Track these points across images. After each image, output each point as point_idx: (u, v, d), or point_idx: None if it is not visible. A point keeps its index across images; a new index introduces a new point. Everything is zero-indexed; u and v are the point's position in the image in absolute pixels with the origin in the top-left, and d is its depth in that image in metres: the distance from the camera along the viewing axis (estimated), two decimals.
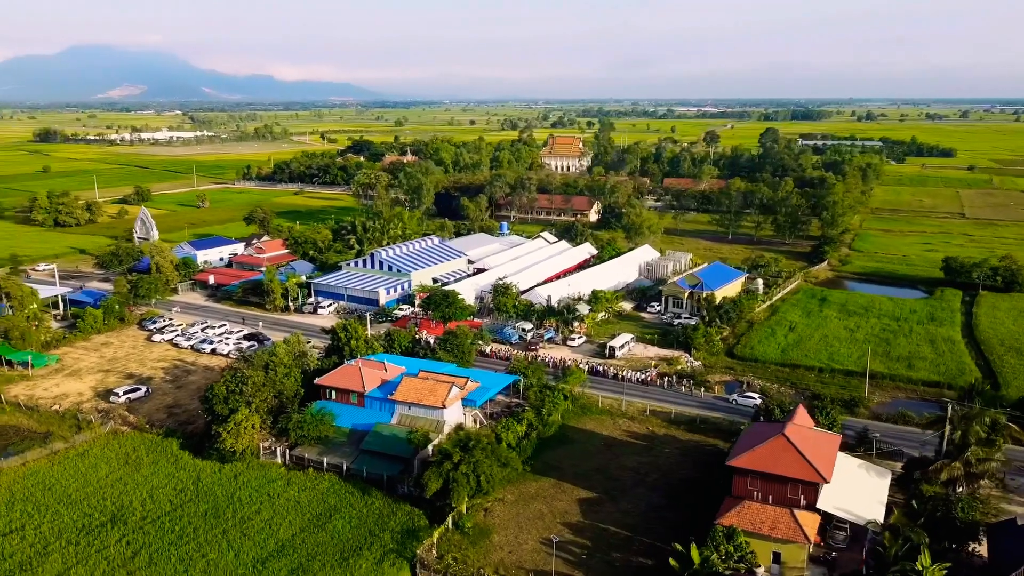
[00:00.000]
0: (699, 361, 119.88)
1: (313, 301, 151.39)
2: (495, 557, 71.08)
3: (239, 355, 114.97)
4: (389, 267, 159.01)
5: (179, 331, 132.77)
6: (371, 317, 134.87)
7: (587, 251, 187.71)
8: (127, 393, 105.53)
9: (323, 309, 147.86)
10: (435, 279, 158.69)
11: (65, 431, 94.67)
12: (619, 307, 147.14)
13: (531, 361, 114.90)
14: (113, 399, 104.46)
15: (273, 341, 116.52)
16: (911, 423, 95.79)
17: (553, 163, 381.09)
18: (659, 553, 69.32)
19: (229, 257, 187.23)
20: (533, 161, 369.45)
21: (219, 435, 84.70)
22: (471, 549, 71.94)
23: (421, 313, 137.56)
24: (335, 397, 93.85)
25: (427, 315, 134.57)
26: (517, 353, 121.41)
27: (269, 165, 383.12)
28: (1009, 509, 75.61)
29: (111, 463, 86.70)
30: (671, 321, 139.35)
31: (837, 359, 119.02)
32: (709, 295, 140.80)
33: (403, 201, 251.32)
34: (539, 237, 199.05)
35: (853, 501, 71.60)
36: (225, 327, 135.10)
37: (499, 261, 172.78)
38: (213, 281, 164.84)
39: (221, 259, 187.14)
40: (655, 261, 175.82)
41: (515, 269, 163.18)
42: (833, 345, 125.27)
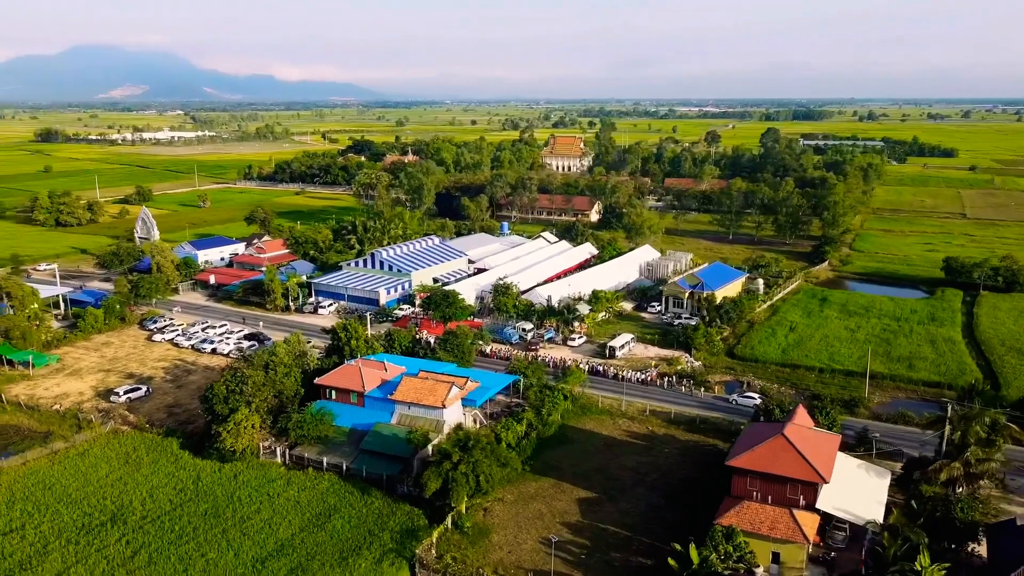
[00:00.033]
0: (699, 361, 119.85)
1: (314, 301, 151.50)
2: (494, 557, 71.12)
3: (239, 355, 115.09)
4: (390, 267, 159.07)
5: (180, 331, 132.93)
6: (371, 317, 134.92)
7: (588, 251, 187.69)
8: (127, 393, 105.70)
9: (324, 309, 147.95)
10: (436, 279, 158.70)
11: (65, 431, 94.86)
12: (619, 307, 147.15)
13: (531, 361, 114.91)
14: (113, 399, 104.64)
15: (274, 341, 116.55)
16: (911, 423, 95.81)
17: (554, 163, 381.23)
18: (658, 553, 69.32)
19: (230, 257, 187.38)
20: (534, 161, 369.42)
21: (219, 435, 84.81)
22: (470, 549, 71.99)
23: (421, 313, 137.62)
24: (335, 397, 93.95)
25: (427, 315, 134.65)
26: (517, 353, 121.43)
27: (270, 165, 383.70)
28: (1009, 509, 75.60)
29: (111, 463, 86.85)
30: (671, 321, 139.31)
31: (837, 359, 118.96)
32: (709, 295, 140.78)
33: (404, 201, 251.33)
34: (540, 237, 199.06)
35: (852, 501, 71.55)
36: (226, 327, 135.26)
37: (499, 261, 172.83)
38: (214, 281, 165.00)
39: (222, 259, 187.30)
40: (656, 261, 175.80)
41: (515, 269, 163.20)
42: (834, 345, 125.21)
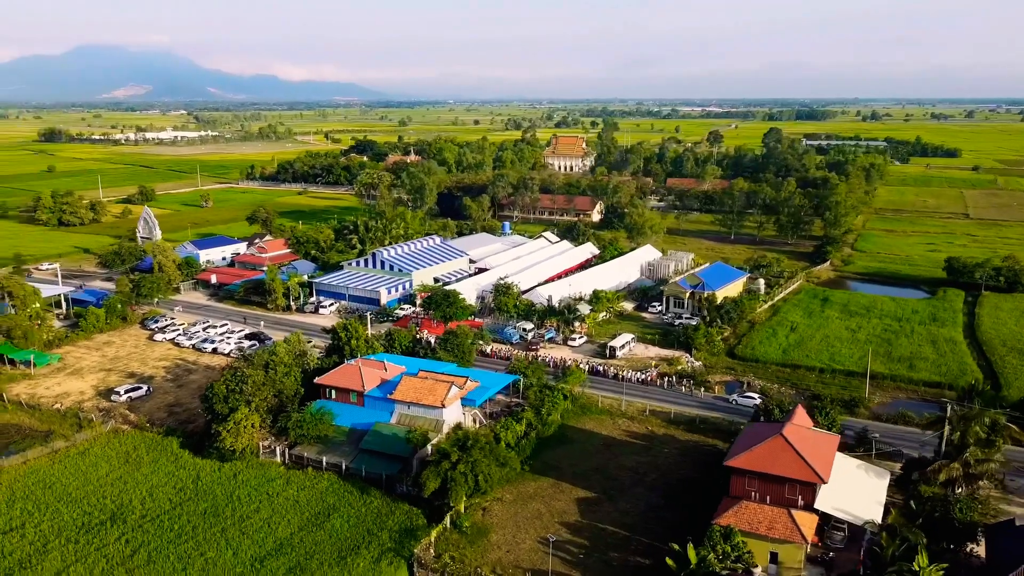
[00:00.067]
0: (700, 361, 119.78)
1: (315, 301, 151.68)
2: (493, 556, 71.16)
3: (240, 354, 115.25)
4: (391, 267, 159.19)
5: (181, 330, 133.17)
6: (372, 317, 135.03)
7: (589, 251, 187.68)
8: (128, 392, 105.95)
9: (325, 309, 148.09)
10: (436, 279, 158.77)
11: (66, 430, 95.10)
12: (620, 307, 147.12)
13: (531, 361, 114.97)
14: (114, 398, 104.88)
15: (274, 341, 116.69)
16: (911, 424, 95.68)
17: (556, 163, 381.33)
18: (657, 553, 69.28)
19: (232, 257, 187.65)
20: (536, 161, 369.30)
21: (219, 434, 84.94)
22: (469, 548, 72.04)
23: (422, 313, 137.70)
24: (335, 396, 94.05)
25: (428, 315, 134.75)
26: (517, 353, 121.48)
27: (273, 165, 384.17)
28: (1008, 510, 75.51)
29: (111, 462, 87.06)
30: (672, 321, 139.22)
31: (838, 359, 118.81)
32: (710, 295, 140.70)
33: (406, 201, 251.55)
34: (541, 237, 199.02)
35: (851, 501, 71.46)
36: (227, 326, 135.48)
37: (501, 261, 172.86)
38: (215, 280, 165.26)
39: (224, 258, 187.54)
40: (657, 261, 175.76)
41: (516, 269, 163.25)
42: (834, 345, 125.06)
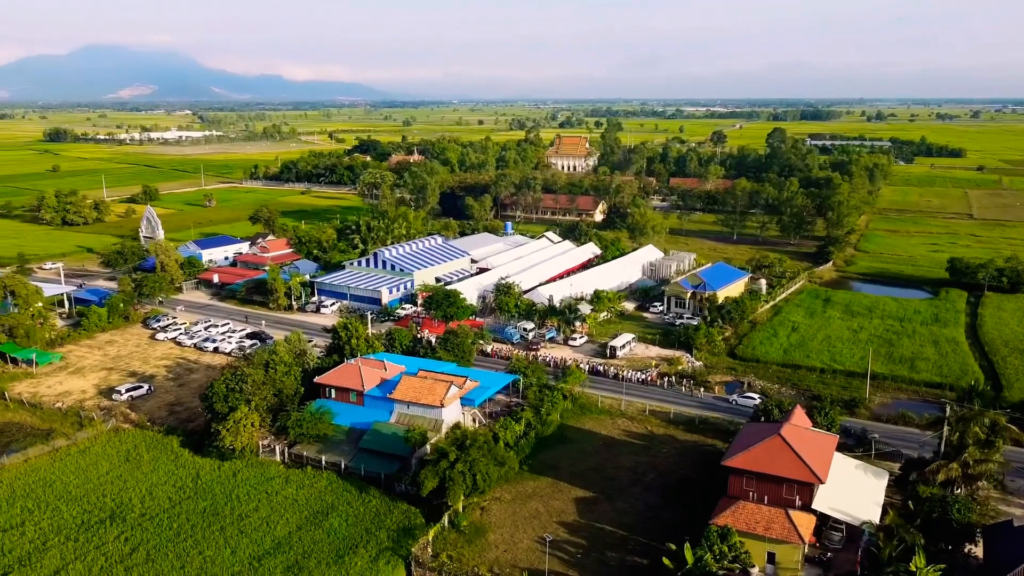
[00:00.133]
0: (700, 361, 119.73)
1: (316, 300, 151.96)
2: (490, 556, 71.23)
3: (241, 354, 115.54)
4: (392, 266, 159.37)
5: (183, 329, 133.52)
6: (373, 316, 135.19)
7: (591, 251, 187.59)
8: (129, 391, 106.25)
9: (326, 308, 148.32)
10: (438, 279, 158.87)
11: (67, 428, 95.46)
12: (621, 307, 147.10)
13: (531, 361, 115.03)
14: (115, 397, 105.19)
15: (275, 340, 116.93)
16: (911, 424, 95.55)
17: (559, 163, 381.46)
18: (654, 553, 69.27)
19: (234, 256, 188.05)
20: (539, 161, 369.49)
21: (218, 433, 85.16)
22: (466, 548, 72.12)
23: (423, 312, 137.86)
24: (335, 395, 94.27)
25: (429, 314, 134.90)
26: (518, 353, 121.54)
27: (276, 165, 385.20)
28: (1008, 511, 75.34)
29: (112, 460, 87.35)
30: (673, 321, 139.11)
31: (839, 360, 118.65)
32: (711, 295, 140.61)
33: (408, 201, 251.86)
34: (543, 237, 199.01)
35: (849, 502, 71.33)
36: (228, 326, 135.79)
37: (502, 261, 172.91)
38: (217, 280, 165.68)
39: (226, 258, 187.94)
40: (658, 261, 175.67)
41: (518, 269, 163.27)
42: (836, 346, 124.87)
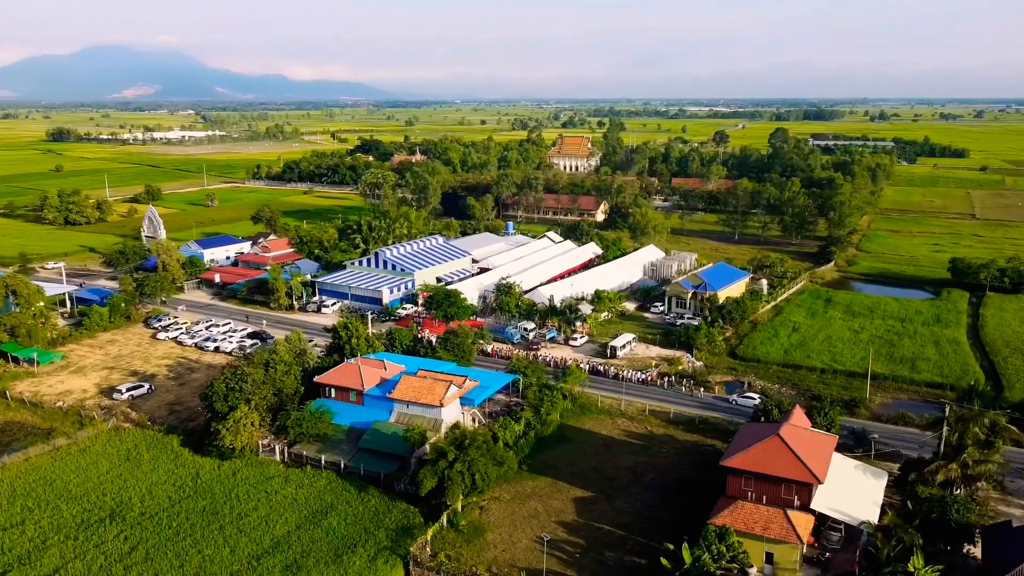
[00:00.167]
0: (701, 361, 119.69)
1: (317, 300, 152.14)
2: (488, 555, 71.30)
3: (241, 353, 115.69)
4: (393, 266, 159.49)
5: (184, 329, 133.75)
6: (373, 316, 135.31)
7: (592, 251, 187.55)
8: (130, 390, 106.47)
9: (327, 308, 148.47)
10: (439, 278, 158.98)
11: (68, 427, 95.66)
12: (622, 307, 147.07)
13: (531, 360, 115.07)
14: (116, 396, 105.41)
15: (276, 339, 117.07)
16: (911, 424, 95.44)
17: (561, 163, 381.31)
18: (653, 552, 69.30)
19: (235, 256, 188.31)
20: (541, 161, 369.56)
21: (218, 432, 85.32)
22: (465, 547, 72.19)
23: (424, 312, 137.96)
24: (334, 395, 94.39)
25: (430, 314, 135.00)
26: (518, 352, 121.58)
27: (279, 164, 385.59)
28: (1007, 511, 75.25)
29: (112, 459, 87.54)
30: (674, 321, 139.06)
31: (840, 360, 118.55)
32: (712, 295, 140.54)
33: (410, 200, 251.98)
34: (544, 237, 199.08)
35: (848, 502, 71.29)
36: (229, 325, 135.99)
37: (503, 261, 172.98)
38: (219, 280, 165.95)
39: (228, 258, 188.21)
40: (659, 261, 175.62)
41: (519, 269, 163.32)
42: (836, 346, 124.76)
